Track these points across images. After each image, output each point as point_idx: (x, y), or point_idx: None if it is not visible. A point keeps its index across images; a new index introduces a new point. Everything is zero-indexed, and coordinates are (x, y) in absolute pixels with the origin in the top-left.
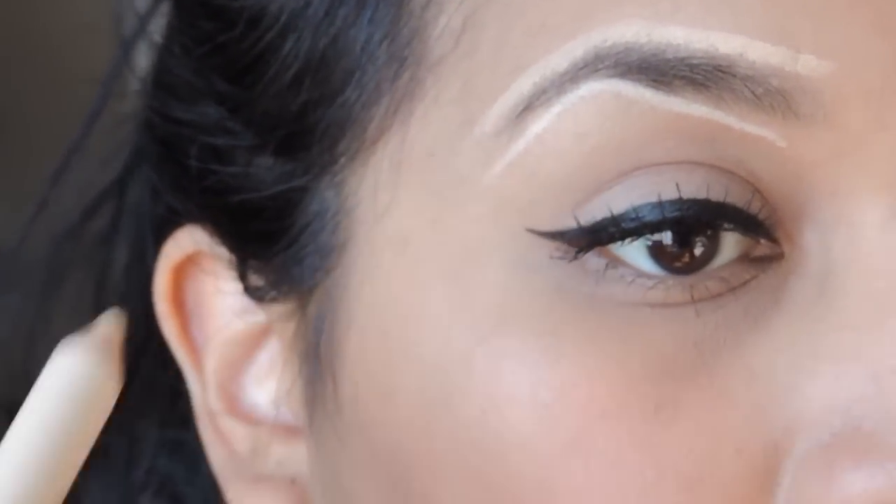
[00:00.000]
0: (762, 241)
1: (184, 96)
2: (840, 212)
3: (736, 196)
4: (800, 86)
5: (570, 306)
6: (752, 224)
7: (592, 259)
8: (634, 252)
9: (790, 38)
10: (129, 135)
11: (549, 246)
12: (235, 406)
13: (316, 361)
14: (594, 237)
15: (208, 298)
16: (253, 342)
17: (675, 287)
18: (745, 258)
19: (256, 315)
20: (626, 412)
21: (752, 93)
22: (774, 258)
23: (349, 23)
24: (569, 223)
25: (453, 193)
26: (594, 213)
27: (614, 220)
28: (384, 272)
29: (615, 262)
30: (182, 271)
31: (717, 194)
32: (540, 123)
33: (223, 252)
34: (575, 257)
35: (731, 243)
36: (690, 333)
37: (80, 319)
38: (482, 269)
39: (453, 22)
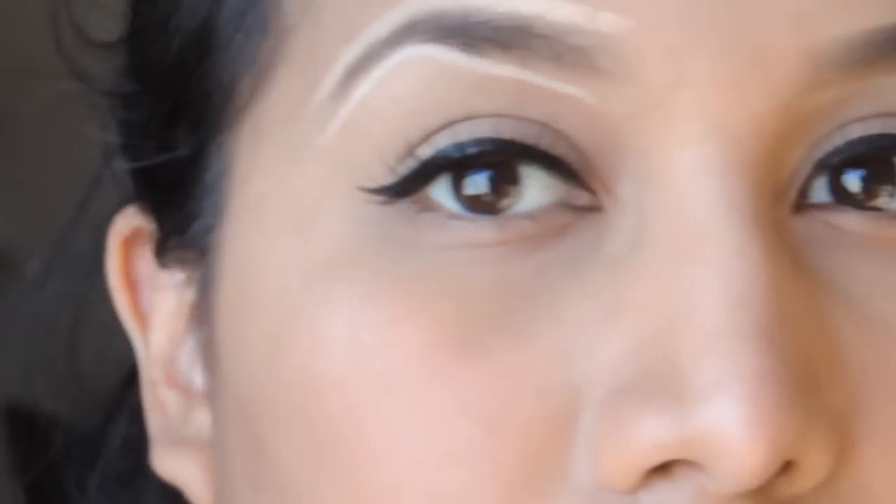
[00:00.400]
0: (579, 191)
1: (121, 72)
2: (650, 165)
3: (546, 142)
4: (600, 42)
5: (392, 254)
6: (562, 168)
7: (411, 206)
8: (448, 199)
9: None
10: None
11: (374, 198)
12: (173, 377)
13: (204, 323)
14: (408, 185)
15: (152, 272)
16: (189, 317)
17: (487, 228)
18: (564, 205)
19: (183, 282)
20: (432, 352)
21: (553, 51)
22: (594, 209)
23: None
24: (390, 178)
25: (297, 156)
26: (409, 164)
27: (422, 165)
28: (243, 232)
29: (428, 206)
30: (129, 246)
31: (523, 137)
32: (363, 88)
33: (151, 226)
34: (393, 202)
35: (541, 188)
36: (502, 277)
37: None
38: (319, 225)
39: None
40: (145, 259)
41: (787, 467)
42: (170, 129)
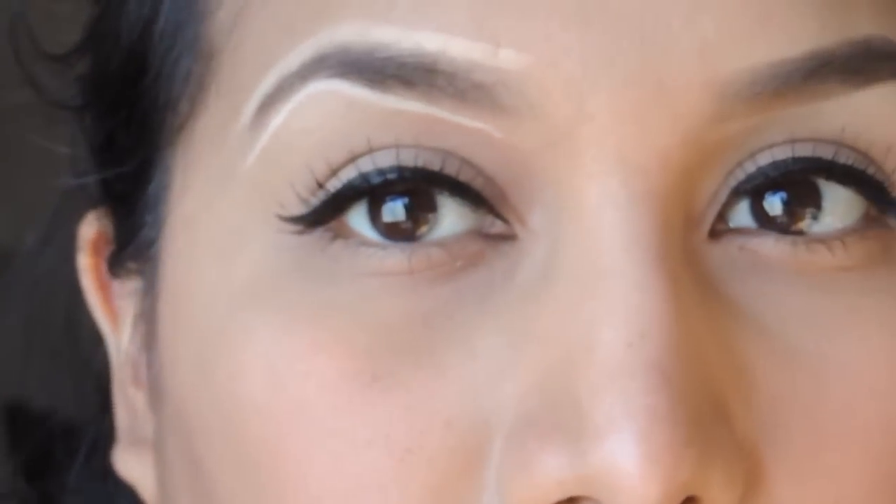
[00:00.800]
0: (492, 219)
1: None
2: (561, 197)
3: (451, 169)
4: (501, 79)
5: (308, 283)
6: (472, 195)
7: (326, 233)
8: (364, 224)
9: (490, 33)
10: None
11: (290, 226)
12: (138, 377)
13: (145, 337)
14: (323, 213)
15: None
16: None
17: (395, 255)
18: (477, 233)
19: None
20: (345, 383)
21: (456, 88)
22: (507, 238)
23: (154, 14)
24: (304, 208)
25: (223, 180)
26: (329, 188)
27: (339, 193)
28: (177, 251)
29: (345, 234)
30: (100, 246)
31: (428, 165)
32: (277, 120)
33: (110, 231)
34: (310, 231)
35: (456, 215)
36: (415, 308)
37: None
38: (242, 251)
39: (228, 16)
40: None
41: (689, 502)
42: (119, 142)
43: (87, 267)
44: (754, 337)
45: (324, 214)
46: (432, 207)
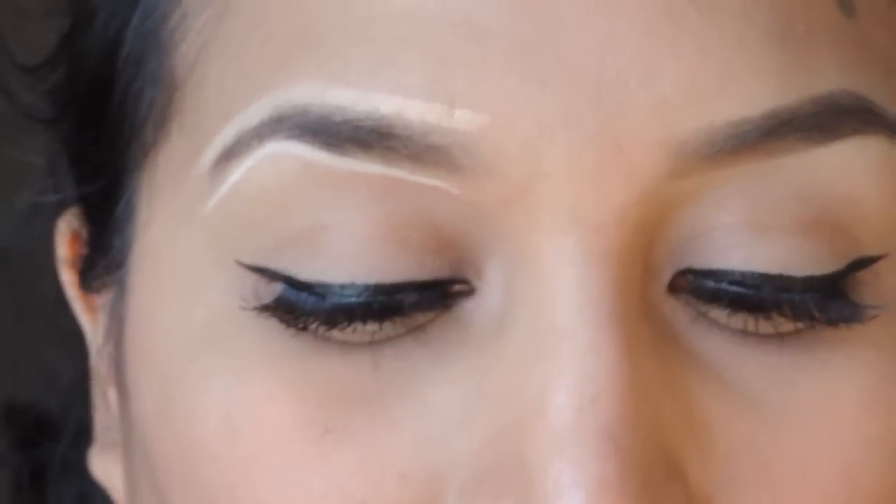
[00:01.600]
0: (451, 283)
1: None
2: (518, 252)
3: (416, 256)
4: (457, 140)
5: (260, 331)
6: (432, 290)
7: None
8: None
9: (446, 94)
10: None
11: (252, 278)
12: (115, 376)
13: (117, 348)
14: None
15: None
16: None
17: (359, 332)
18: (436, 296)
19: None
20: (297, 434)
21: (412, 150)
22: (466, 293)
23: (118, 39)
24: (267, 263)
25: (184, 218)
26: (285, 262)
27: (296, 285)
28: (141, 282)
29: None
30: (77, 241)
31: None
32: (236, 173)
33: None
34: (258, 314)
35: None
36: (367, 361)
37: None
38: (202, 291)
39: (190, 51)
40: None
41: None
42: (89, 157)
43: (66, 261)
44: (712, 389)
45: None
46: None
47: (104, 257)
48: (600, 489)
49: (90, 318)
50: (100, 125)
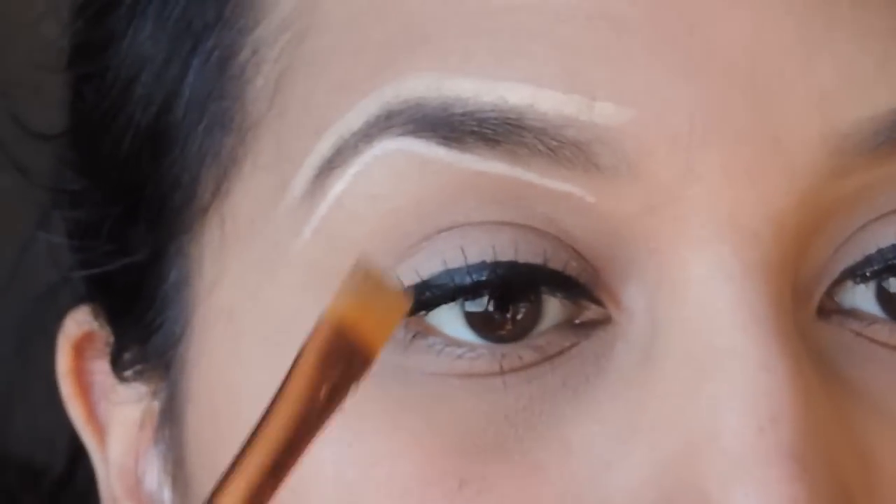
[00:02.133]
0: (587, 304)
1: (71, 170)
2: (662, 269)
3: (549, 257)
4: (597, 136)
5: (375, 379)
6: (571, 286)
7: (399, 329)
8: (453, 321)
9: (585, 85)
10: None
11: None
12: (134, 491)
13: (172, 442)
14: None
15: (108, 381)
16: (152, 425)
17: (485, 356)
18: (569, 324)
19: (144, 395)
20: (429, 489)
21: (546, 146)
22: (601, 323)
23: (176, 87)
24: None
25: (270, 263)
26: (402, 278)
27: (417, 288)
28: (214, 346)
29: (425, 331)
30: (82, 349)
31: (527, 255)
32: (339, 185)
33: (104, 332)
34: None
35: (555, 308)
36: (501, 406)
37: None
38: (296, 343)
39: (268, 82)
40: (100, 365)
41: None
42: (124, 231)
43: (68, 371)
44: (874, 421)
45: None
46: (527, 297)
47: (146, 341)
48: None
49: (97, 442)
50: (143, 189)
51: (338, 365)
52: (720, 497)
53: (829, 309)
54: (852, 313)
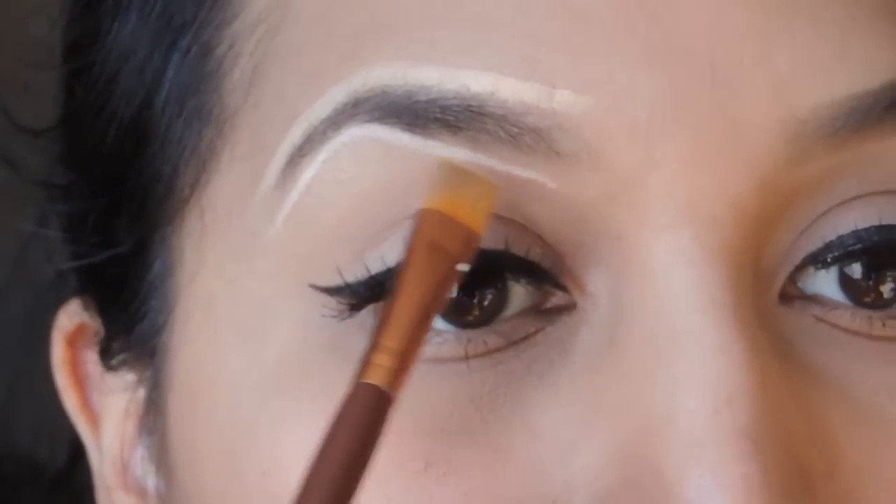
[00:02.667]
0: (552, 290)
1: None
2: (625, 255)
3: (511, 243)
4: (557, 123)
5: (345, 365)
6: (534, 271)
7: (367, 316)
8: None
9: (546, 74)
10: None
11: (328, 301)
12: (127, 480)
13: (155, 430)
14: (371, 293)
15: (100, 371)
16: (138, 414)
17: (450, 342)
18: (535, 310)
19: (132, 384)
20: (396, 471)
21: (507, 133)
22: (566, 309)
23: (156, 82)
24: (347, 277)
25: (246, 251)
26: (370, 266)
27: (376, 280)
28: (193, 335)
29: None
30: (76, 342)
31: (489, 241)
32: (309, 172)
33: (94, 323)
34: (349, 315)
35: (520, 295)
36: (466, 390)
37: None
38: (270, 326)
39: (244, 75)
40: (91, 356)
41: None
42: (109, 223)
43: (62, 363)
44: (835, 405)
45: (365, 294)
46: (494, 283)
47: (131, 330)
48: (747, 491)
49: (91, 431)
50: (126, 182)
51: (444, 246)
52: (676, 477)
53: (792, 294)
54: (814, 299)
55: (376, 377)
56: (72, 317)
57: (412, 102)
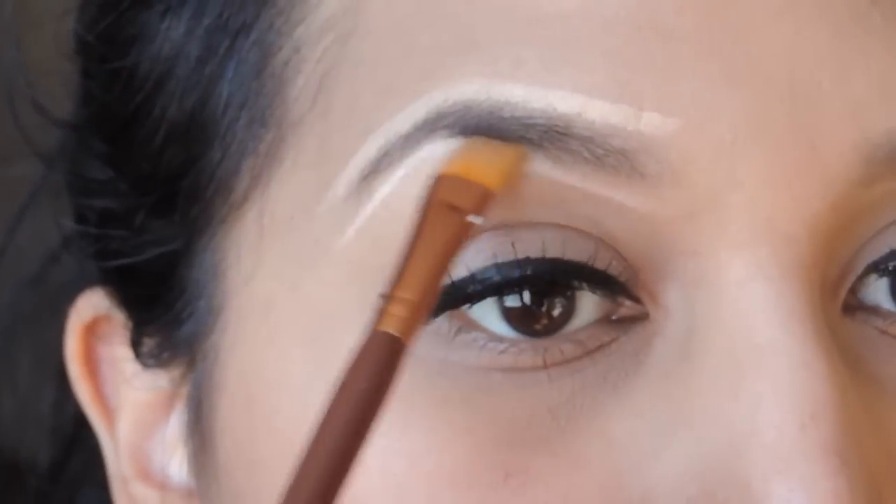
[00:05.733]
0: (624, 301)
1: (74, 159)
2: (701, 271)
3: (595, 255)
4: (643, 145)
5: (421, 372)
6: (610, 283)
7: (443, 323)
8: (490, 315)
9: (633, 95)
10: None
11: None
12: (146, 471)
13: (197, 429)
14: (444, 300)
15: (118, 361)
16: (163, 406)
17: (528, 351)
18: (606, 320)
19: (157, 376)
20: (475, 481)
21: (592, 154)
22: (638, 319)
23: (213, 84)
24: None
25: (311, 259)
26: (451, 273)
27: (457, 286)
28: (250, 338)
29: (468, 326)
30: (91, 332)
31: (574, 254)
32: (385, 187)
33: (120, 315)
34: (426, 321)
35: (590, 304)
36: (544, 399)
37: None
38: (339, 335)
39: (310, 82)
40: (113, 347)
41: None
42: (151, 222)
43: (76, 353)
44: None
45: (443, 301)
46: (563, 293)
47: (173, 331)
48: None
49: (105, 422)
50: (174, 182)
51: (457, 204)
52: (763, 491)
53: (853, 305)
54: (874, 310)
55: (391, 325)
56: (94, 306)
57: (496, 119)
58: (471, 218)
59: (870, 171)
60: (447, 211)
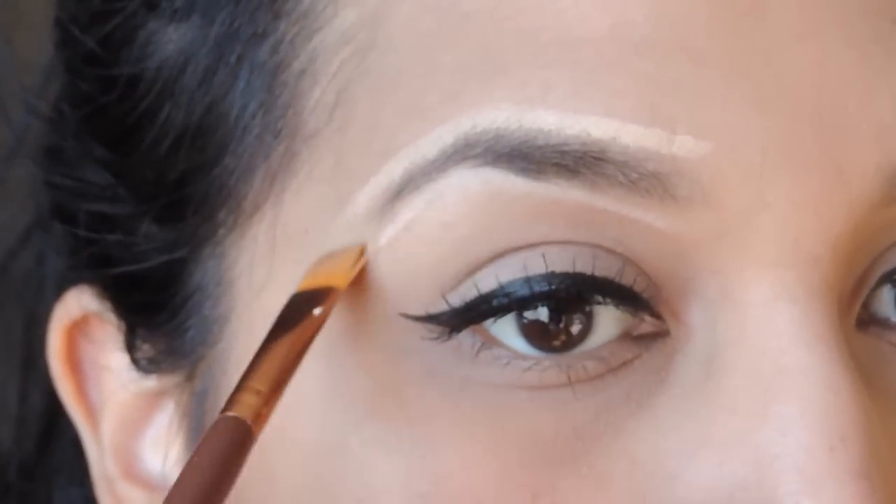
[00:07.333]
0: (645, 317)
1: (67, 160)
2: (725, 290)
3: (622, 272)
4: (676, 168)
5: (443, 391)
6: (631, 299)
7: (466, 339)
8: (510, 333)
9: (665, 119)
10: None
11: (421, 329)
12: (132, 470)
13: (198, 434)
14: (466, 316)
15: (103, 359)
16: (149, 405)
17: (552, 369)
18: (628, 336)
19: (150, 379)
20: (502, 501)
21: (627, 178)
22: (659, 335)
23: (224, 92)
24: (440, 307)
25: None
26: (465, 293)
27: (484, 298)
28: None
29: (490, 342)
30: (76, 331)
31: (603, 270)
32: (409, 211)
33: (112, 317)
34: (449, 337)
35: (609, 320)
36: (569, 418)
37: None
38: (356, 353)
39: (327, 95)
40: (98, 347)
41: None
42: (152, 229)
43: (60, 351)
44: None
45: (464, 318)
46: (581, 308)
47: (174, 340)
48: None
49: (88, 421)
50: (181, 189)
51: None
52: None
53: (866, 319)
54: (886, 323)
55: (241, 412)
56: (82, 305)
57: (529, 147)
58: (316, 311)
59: (891, 192)
60: (301, 315)
